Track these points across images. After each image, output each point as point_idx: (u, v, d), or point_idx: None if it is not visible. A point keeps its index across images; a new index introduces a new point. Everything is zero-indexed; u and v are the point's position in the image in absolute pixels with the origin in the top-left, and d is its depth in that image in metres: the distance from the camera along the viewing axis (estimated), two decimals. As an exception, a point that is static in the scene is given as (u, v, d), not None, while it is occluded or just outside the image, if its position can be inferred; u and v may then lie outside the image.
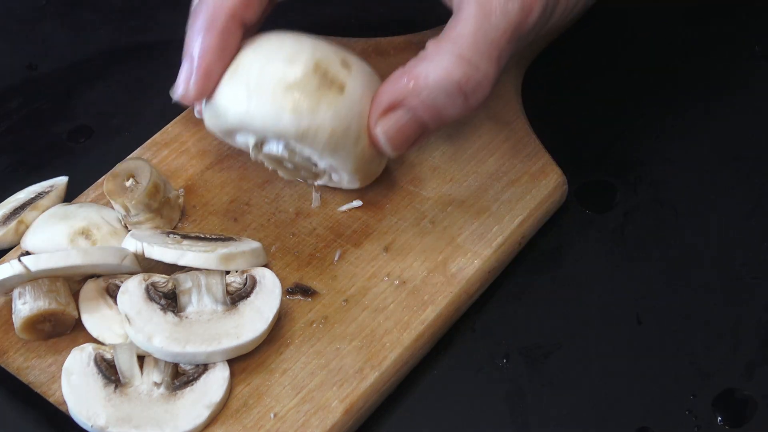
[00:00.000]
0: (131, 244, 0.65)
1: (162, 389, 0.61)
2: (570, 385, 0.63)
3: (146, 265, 0.65)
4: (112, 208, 0.68)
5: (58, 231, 0.67)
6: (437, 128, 0.64)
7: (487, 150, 0.72)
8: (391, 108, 0.62)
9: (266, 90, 0.62)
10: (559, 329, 0.65)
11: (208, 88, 0.64)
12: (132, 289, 0.63)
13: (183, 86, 0.64)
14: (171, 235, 0.66)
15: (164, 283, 0.64)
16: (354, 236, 0.68)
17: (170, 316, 0.62)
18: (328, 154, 0.63)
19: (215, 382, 0.61)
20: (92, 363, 0.61)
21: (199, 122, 0.74)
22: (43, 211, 0.69)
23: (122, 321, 0.62)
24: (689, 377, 0.62)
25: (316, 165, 0.66)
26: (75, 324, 0.64)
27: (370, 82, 0.64)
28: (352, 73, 0.63)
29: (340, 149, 0.63)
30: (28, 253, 0.67)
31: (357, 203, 0.69)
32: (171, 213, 0.69)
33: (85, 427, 0.60)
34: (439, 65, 0.61)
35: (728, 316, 0.65)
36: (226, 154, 0.73)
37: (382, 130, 0.63)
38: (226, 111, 0.63)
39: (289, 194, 0.71)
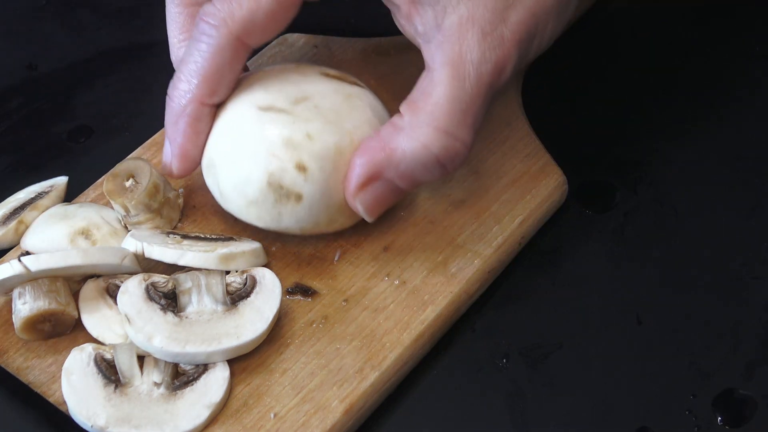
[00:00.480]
0: (131, 244, 0.65)
1: (162, 389, 0.61)
2: (570, 385, 0.63)
3: (146, 265, 0.65)
4: (112, 208, 0.68)
5: (57, 231, 0.67)
6: (414, 189, 0.66)
7: (487, 150, 0.72)
8: (368, 182, 0.63)
9: (233, 202, 0.66)
10: (559, 329, 0.65)
11: (189, 168, 0.67)
12: (132, 289, 0.63)
13: (168, 166, 0.67)
14: (171, 235, 0.66)
15: (164, 283, 0.64)
16: (354, 236, 0.68)
17: (170, 316, 0.62)
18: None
19: (215, 382, 0.61)
20: (92, 363, 0.61)
21: (199, 122, 0.75)
22: (43, 211, 0.69)
23: (122, 321, 0.62)
24: (689, 377, 0.62)
25: None
26: (75, 324, 0.64)
27: (335, 162, 0.64)
28: (309, 174, 0.63)
29: (316, 232, 0.66)
30: (28, 253, 0.67)
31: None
32: (171, 213, 0.69)
33: (85, 427, 0.60)
34: (417, 139, 0.61)
35: (728, 316, 0.65)
36: (226, 154, 0.73)
37: (361, 202, 0.64)
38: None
39: (289, 194, 0.71)
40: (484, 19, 0.61)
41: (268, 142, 0.63)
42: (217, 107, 0.66)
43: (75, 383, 0.61)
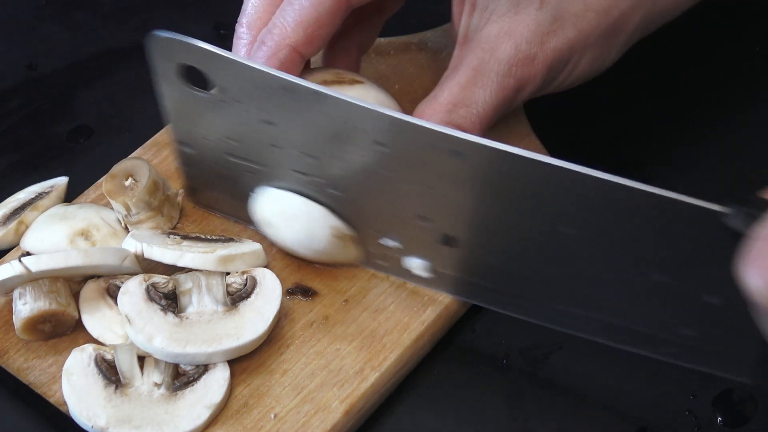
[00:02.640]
0: (131, 244, 0.65)
1: (162, 390, 0.61)
2: (570, 385, 0.63)
3: (146, 265, 0.65)
4: (112, 209, 0.68)
5: (57, 232, 0.67)
6: None
7: (487, 150, 0.72)
8: None
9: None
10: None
11: None
12: (132, 289, 0.63)
13: None
14: (171, 236, 0.66)
15: (165, 283, 0.64)
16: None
17: (171, 316, 0.62)
18: None
19: (215, 383, 0.61)
20: (93, 363, 0.61)
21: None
22: (43, 212, 0.69)
23: (123, 321, 0.62)
24: (689, 377, 0.62)
25: None
26: (75, 324, 0.64)
27: None
28: None
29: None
30: (28, 254, 0.67)
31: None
32: (171, 211, 0.69)
33: (85, 427, 0.60)
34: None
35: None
36: (226, 155, 0.73)
37: None
38: None
39: (289, 194, 0.71)
40: (522, 36, 0.63)
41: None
42: None
43: (75, 384, 0.61)
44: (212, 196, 0.69)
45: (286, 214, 0.65)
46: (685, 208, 0.53)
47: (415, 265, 0.64)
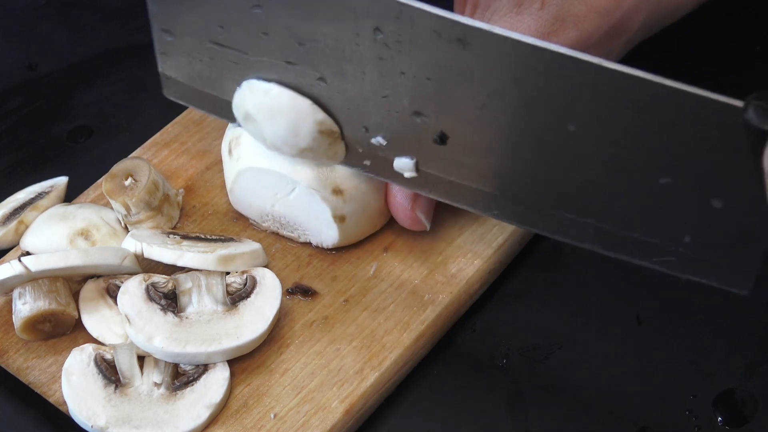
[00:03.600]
0: (131, 244, 0.65)
1: (162, 389, 0.61)
2: (570, 385, 0.63)
3: (146, 265, 0.65)
4: (112, 208, 0.68)
5: (57, 232, 0.67)
6: None
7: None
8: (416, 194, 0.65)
9: (284, 151, 0.64)
10: (559, 329, 0.65)
11: None
12: (132, 289, 0.63)
13: None
14: (171, 236, 0.66)
15: (164, 283, 0.64)
16: (354, 236, 0.68)
17: (170, 316, 0.62)
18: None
19: (215, 383, 0.61)
20: (92, 363, 0.61)
21: (200, 122, 0.75)
22: (43, 212, 0.69)
23: (122, 321, 0.62)
24: (689, 377, 0.62)
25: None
26: (75, 324, 0.64)
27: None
28: (346, 195, 0.65)
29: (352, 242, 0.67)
30: (28, 254, 0.67)
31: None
32: (171, 210, 0.69)
33: (85, 427, 0.60)
34: None
35: (728, 316, 0.65)
36: (226, 154, 0.73)
37: (421, 210, 0.66)
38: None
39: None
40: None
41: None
42: None
43: (75, 383, 0.61)
44: (191, 89, 0.67)
45: (271, 107, 0.62)
46: (703, 102, 0.50)
47: (403, 165, 0.62)
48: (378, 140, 0.61)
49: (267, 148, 0.64)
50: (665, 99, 0.51)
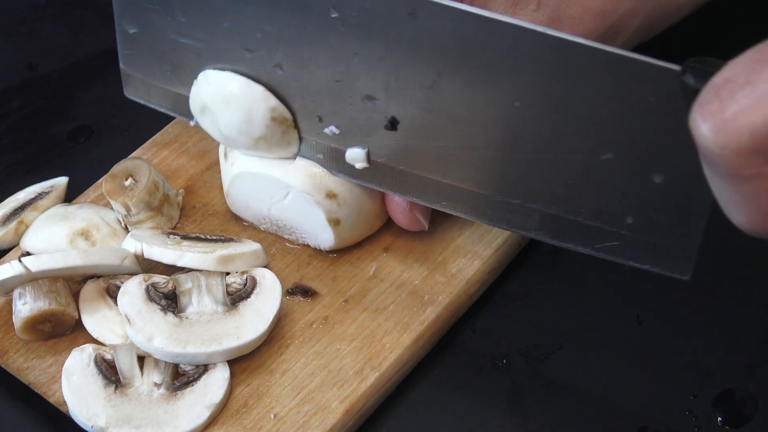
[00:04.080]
0: (131, 244, 0.65)
1: (162, 390, 0.61)
2: (570, 385, 0.63)
3: (146, 265, 0.65)
4: (112, 208, 0.68)
5: (57, 232, 0.67)
6: None
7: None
8: None
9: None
10: (559, 329, 0.65)
11: None
12: (132, 289, 0.63)
13: None
14: (171, 236, 0.66)
15: (164, 283, 0.64)
16: (354, 236, 0.68)
17: (170, 316, 0.62)
18: None
19: (215, 383, 0.61)
20: (92, 363, 0.61)
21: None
22: (43, 212, 0.69)
23: (122, 321, 0.62)
24: (689, 377, 0.63)
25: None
26: (75, 324, 0.64)
27: None
28: (340, 198, 0.65)
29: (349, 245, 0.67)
30: (28, 254, 0.67)
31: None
32: (171, 211, 0.69)
33: (85, 427, 0.60)
34: None
35: (728, 316, 0.65)
36: (226, 155, 0.73)
37: (419, 212, 0.66)
38: None
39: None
40: None
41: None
42: None
43: (75, 384, 0.61)
44: (150, 86, 0.68)
45: (225, 95, 0.63)
46: (642, 66, 0.51)
47: (355, 155, 0.62)
48: (331, 129, 0.62)
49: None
50: (606, 65, 0.52)
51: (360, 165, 0.63)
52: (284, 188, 0.65)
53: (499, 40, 0.54)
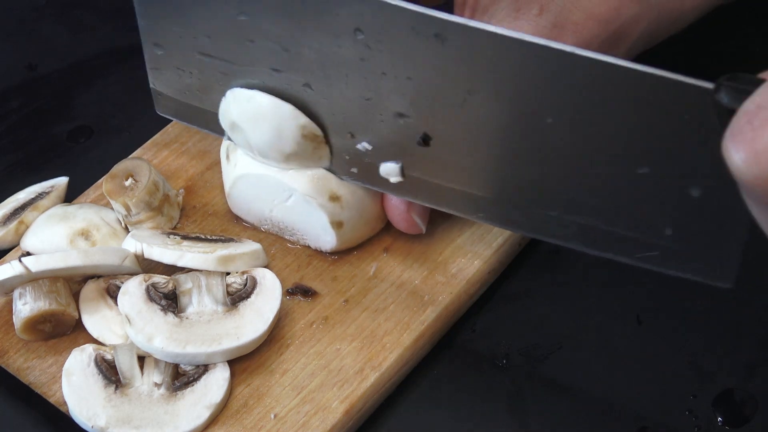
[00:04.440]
0: (131, 244, 0.65)
1: (162, 390, 0.61)
2: (570, 385, 0.63)
3: (146, 265, 0.65)
4: (112, 208, 0.68)
5: (57, 232, 0.67)
6: None
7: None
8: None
9: (271, 158, 0.65)
10: (559, 329, 0.65)
11: None
12: (132, 289, 0.63)
13: None
14: (171, 236, 0.66)
15: (165, 283, 0.64)
16: (354, 236, 0.68)
17: (170, 316, 0.62)
18: None
19: (215, 383, 0.61)
20: (93, 364, 0.61)
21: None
22: (43, 212, 0.69)
23: (122, 321, 0.62)
24: (689, 377, 0.63)
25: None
26: (75, 324, 0.64)
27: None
28: (343, 201, 0.65)
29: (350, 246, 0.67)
30: (28, 254, 0.67)
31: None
32: (171, 211, 0.69)
33: (85, 427, 0.60)
34: None
35: (728, 316, 0.65)
36: (226, 155, 0.73)
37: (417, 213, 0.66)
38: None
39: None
40: None
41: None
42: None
43: (75, 384, 0.61)
44: (182, 104, 0.68)
45: (255, 113, 0.63)
46: (675, 85, 0.51)
47: (389, 170, 0.62)
48: (364, 146, 0.62)
49: (254, 158, 0.65)
50: (638, 84, 0.52)
51: (395, 179, 0.62)
52: (287, 191, 0.65)
53: (527, 60, 0.54)
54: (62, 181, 0.72)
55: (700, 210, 0.54)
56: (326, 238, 0.66)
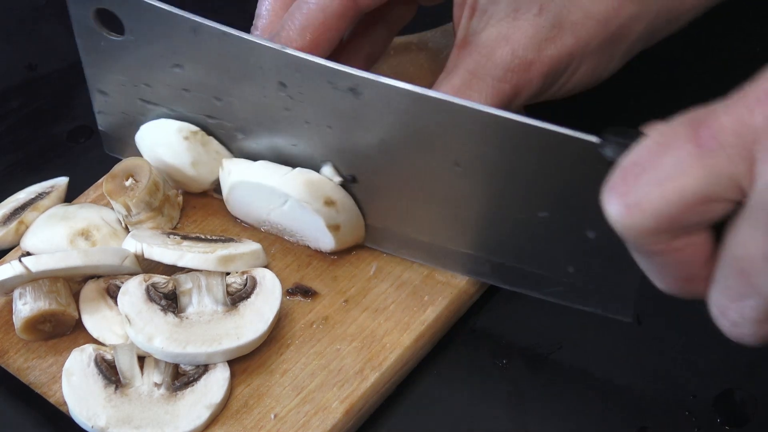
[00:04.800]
0: (131, 244, 0.65)
1: (162, 390, 0.61)
2: (570, 385, 0.63)
3: (146, 265, 0.65)
4: (112, 208, 0.68)
5: (57, 232, 0.67)
6: None
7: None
8: None
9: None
10: (559, 329, 0.65)
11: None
12: (132, 289, 0.63)
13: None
14: (171, 236, 0.66)
15: (165, 283, 0.64)
16: (354, 236, 0.68)
17: (171, 316, 0.62)
18: None
19: (216, 383, 0.61)
20: (93, 364, 0.61)
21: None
22: (44, 212, 0.69)
23: (123, 322, 0.62)
24: (689, 377, 0.63)
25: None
26: (75, 324, 0.64)
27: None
28: (339, 205, 0.66)
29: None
30: (28, 254, 0.67)
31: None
32: (171, 211, 0.69)
33: (85, 427, 0.60)
34: None
35: (728, 316, 0.65)
36: (226, 155, 0.73)
37: None
38: None
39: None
40: (519, 42, 0.62)
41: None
42: None
43: (75, 384, 0.61)
44: (127, 144, 0.72)
45: (156, 138, 0.69)
46: (564, 139, 0.55)
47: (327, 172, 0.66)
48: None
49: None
50: (532, 137, 0.56)
51: (335, 179, 0.65)
52: (282, 197, 0.65)
53: (436, 115, 0.58)
54: (62, 181, 0.72)
55: (597, 250, 0.58)
56: (325, 240, 0.66)
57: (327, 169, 0.65)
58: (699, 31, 0.80)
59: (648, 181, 0.46)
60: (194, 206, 0.71)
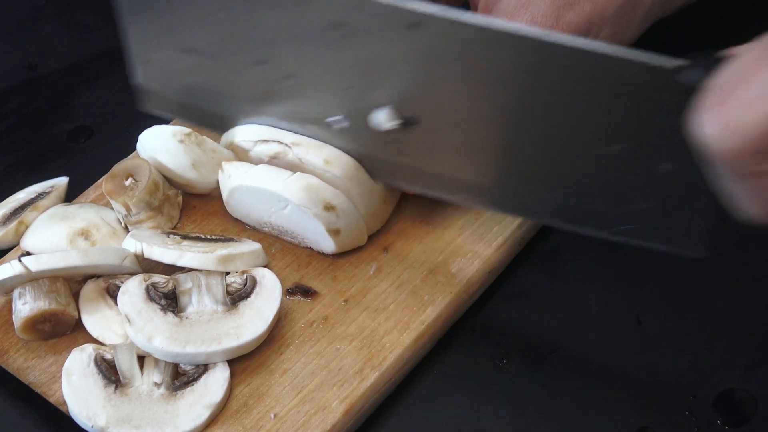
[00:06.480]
0: (131, 244, 0.65)
1: (162, 389, 0.61)
2: (570, 385, 0.63)
3: (146, 265, 0.65)
4: (112, 208, 0.68)
5: (57, 232, 0.67)
6: None
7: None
8: None
9: None
10: (559, 329, 0.65)
11: None
12: (132, 289, 0.63)
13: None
14: (171, 236, 0.66)
15: (164, 283, 0.64)
16: (354, 236, 0.68)
17: (170, 316, 0.62)
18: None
19: (215, 383, 0.61)
20: (92, 363, 0.61)
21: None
22: (43, 212, 0.69)
23: (122, 321, 0.62)
24: (689, 377, 0.63)
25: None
26: (75, 324, 0.64)
27: (351, 183, 0.66)
28: (338, 210, 0.65)
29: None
30: (28, 254, 0.67)
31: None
32: (171, 211, 0.69)
33: (85, 427, 0.60)
34: None
35: (728, 316, 0.65)
36: (226, 154, 0.73)
37: None
38: None
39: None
40: (538, 9, 0.63)
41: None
42: None
43: (75, 383, 0.61)
44: (165, 99, 0.71)
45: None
46: (638, 66, 0.53)
47: (381, 116, 0.63)
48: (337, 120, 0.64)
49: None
50: (603, 66, 0.54)
51: (390, 124, 0.63)
52: (282, 201, 0.65)
53: (497, 46, 0.56)
54: (62, 181, 0.72)
55: (670, 184, 0.56)
56: (326, 243, 0.66)
57: (382, 114, 0.62)
58: (698, 32, 0.80)
59: (746, 100, 0.44)
60: (194, 206, 0.71)
